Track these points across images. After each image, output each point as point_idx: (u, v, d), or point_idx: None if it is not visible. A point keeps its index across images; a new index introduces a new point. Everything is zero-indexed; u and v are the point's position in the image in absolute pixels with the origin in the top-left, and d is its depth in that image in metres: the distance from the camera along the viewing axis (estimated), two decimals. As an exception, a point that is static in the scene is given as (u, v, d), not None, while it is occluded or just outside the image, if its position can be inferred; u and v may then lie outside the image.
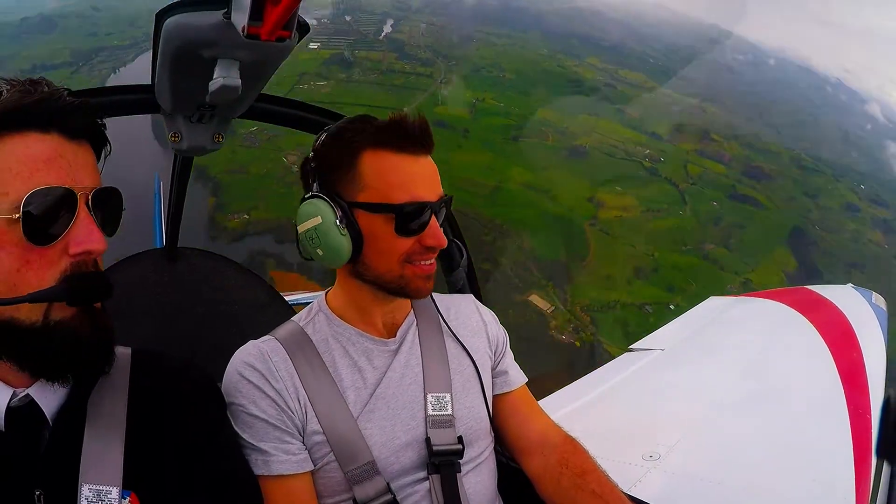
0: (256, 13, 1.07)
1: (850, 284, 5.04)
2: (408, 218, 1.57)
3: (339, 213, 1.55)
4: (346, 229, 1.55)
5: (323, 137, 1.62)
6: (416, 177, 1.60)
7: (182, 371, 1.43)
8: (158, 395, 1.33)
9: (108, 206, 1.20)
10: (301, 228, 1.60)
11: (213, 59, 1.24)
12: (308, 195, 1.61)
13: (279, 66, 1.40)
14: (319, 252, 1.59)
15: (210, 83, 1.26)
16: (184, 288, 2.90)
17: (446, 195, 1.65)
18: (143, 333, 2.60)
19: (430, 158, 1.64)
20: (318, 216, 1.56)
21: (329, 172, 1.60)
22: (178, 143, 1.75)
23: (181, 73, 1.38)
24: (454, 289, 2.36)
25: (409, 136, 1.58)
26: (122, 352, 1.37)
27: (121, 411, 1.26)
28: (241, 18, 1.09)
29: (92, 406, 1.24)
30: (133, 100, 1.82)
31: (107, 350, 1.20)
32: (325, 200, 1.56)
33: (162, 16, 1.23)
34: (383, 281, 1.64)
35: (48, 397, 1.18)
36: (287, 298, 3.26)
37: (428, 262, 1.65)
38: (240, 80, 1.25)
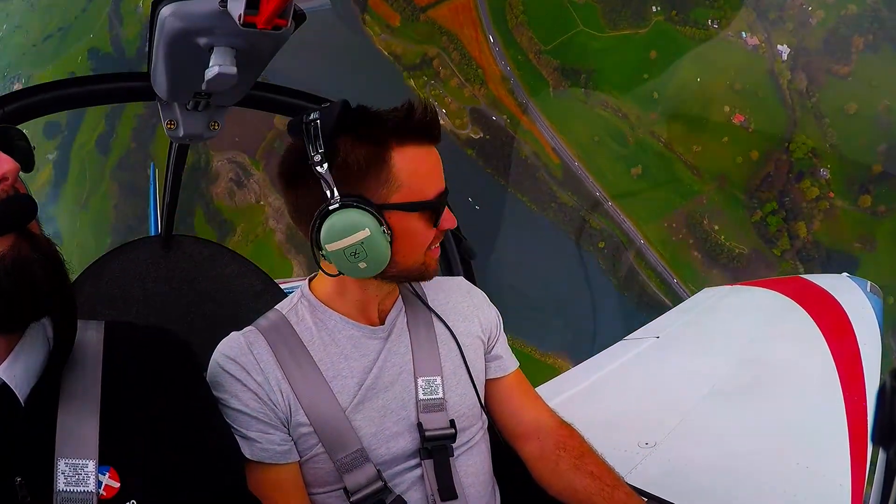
0: (253, 2, 1.07)
1: (845, 274, 5.05)
2: (440, 210, 1.57)
3: (382, 221, 1.48)
4: (389, 235, 1.50)
5: (328, 134, 1.48)
6: (437, 167, 1.58)
7: (155, 340, 1.41)
8: (132, 367, 1.32)
9: (9, 138, 1.19)
10: (337, 246, 1.47)
11: (209, 47, 1.24)
12: (334, 206, 1.47)
13: (276, 55, 1.40)
14: (362, 266, 1.49)
15: (206, 71, 1.25)
16: (178, 276, 2.90)
17: None
18: (136, 321, 2.61)
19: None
20: (365, 228, 1.45)
21: (351, 174, 1.49)
22: (173, 130, 1.75)
23: (177, 61, 1.37)
24: (446, 272, 2.37)
25: (428, 127, 1.54)
26: (95, 325, 1.37)
27: (94, 386, 1.25)
28: (237, 7, 1.09)
29: (65, 383, 1.23)
30: (129, 87, 1.82)
31: (57, 268, 1.17)
32: (365, 210, 1.47)
33: (158, 3, 1.23)
34: (409, 272, 1.63)
35: (18, 379, 1.16)
36: (283, 286, 3.26)
37: (438, 245, 1.66)
38: (236, 69, 1.25)
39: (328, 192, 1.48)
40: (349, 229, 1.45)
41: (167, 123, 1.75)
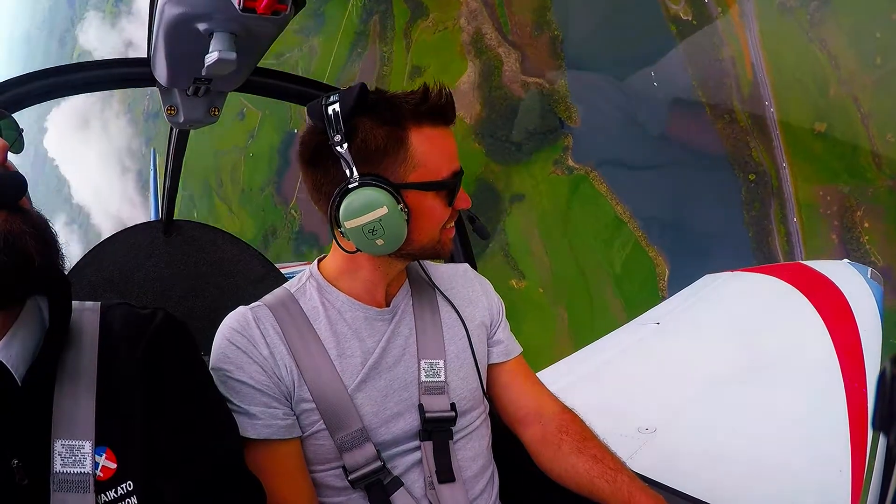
0: (252, -14, 1.06)
1: (846, 260, 5.05)
2: (455, 189, 1.60)
3: (400, 199, 1.52)
4: (407, 214, 1.53)
5: (347, 115, 1.50)
6: (452, 147, 1.63)
7: (151, 319, 1.40)
8: (129, 347, 1.32)
9: None
10: (356, 223, 1.51)
11: (208, 32, 1.24)
12: (354, 184, 1.51)
13: (276, 40, 1.40)
14: (379, 243, 1.53)
15: (206, 57, 1.25)
16: (179, 260, 2.91)
17: None
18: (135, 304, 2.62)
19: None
20: (382, 206, 1.49)
21: (370, 154, 1.52)
22: (174, 116, 1.75)
23: (177, 47, 1.37)
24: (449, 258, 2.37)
25: (443, 109, 1.58)
26: (92, 306, 1.37)
27: (91, 366, 1.25)
28: (237, -9, 1.08)
29: (61, 364, 1.23)
30: (129, 73, 1.82)
31: (49, 241, 1.17)
32: (383, 188, 1.50)
33: None
34: (424, 250, 1.66)
35: (15, 359, 1.16)
36: (283, 271, 3.27)
37: (453, 224, 1.68)
38: (235, 54, 1.25)
39: (348, 172, 1.52)
40: (368, 207, 1.49)
41: (167, 109, 1.75)
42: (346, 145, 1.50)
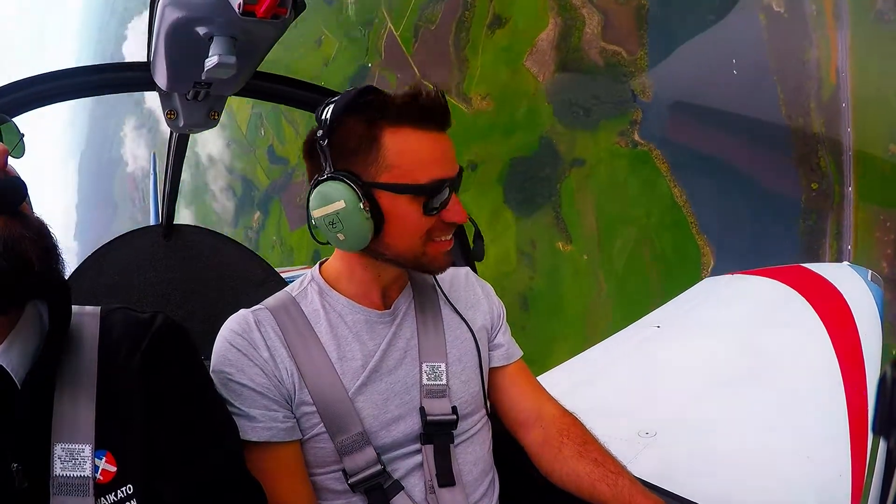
0: (252, -9, 1.06)
1: (846, 263, 5.04)
2: (433, 197, 1.55)
3: (361, 196, 1.50)
4: (368, 212, 1.51)
5: (334, 113, 1.53)
6: (439, 153, 1.57)
7: (150, 322, 1.40)
8: (128, 350, 1.32)
9: None
10: (318, 213, 1.54)
11: (208, 36, 1.24)
12: (323, 177, 1.54)
13: (275, 43, 1.40)
14: (340, 237, 1.54)
15: (206, 61, 1.25)
16: (179, 264, 2.91)
17: (460, 167, 1.63)
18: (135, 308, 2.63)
19: (447, 135, 1.62)
20: (340, 200, 1.50)
21: (346, 151, 1.54)
22: (173, 120, 1.75)
23: (177, 51, 1.37)
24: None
25: (429, 112, 1.55)
26: (91, 311, 1.37)
27: (91, 370, 1.26)
28: (236, -4, 1.08)
29: (61, 367, 1.23)
30: (129, 77, 1.82)
31: (49, 246, 1.17)
32: (346, 183, 1.51)
33: None
34: (404, 259, 1.63)
35: (14, 363, 1.17)
36: (283, 275, 3.27)
37: (448, 238, 1.64)
38: (235, 58, 1.25)
39: (325, 166, 1.55)
40: (328, 199, 1.52)
41: (167, 114, 1.75)
42: (325, 141, 1.53)
